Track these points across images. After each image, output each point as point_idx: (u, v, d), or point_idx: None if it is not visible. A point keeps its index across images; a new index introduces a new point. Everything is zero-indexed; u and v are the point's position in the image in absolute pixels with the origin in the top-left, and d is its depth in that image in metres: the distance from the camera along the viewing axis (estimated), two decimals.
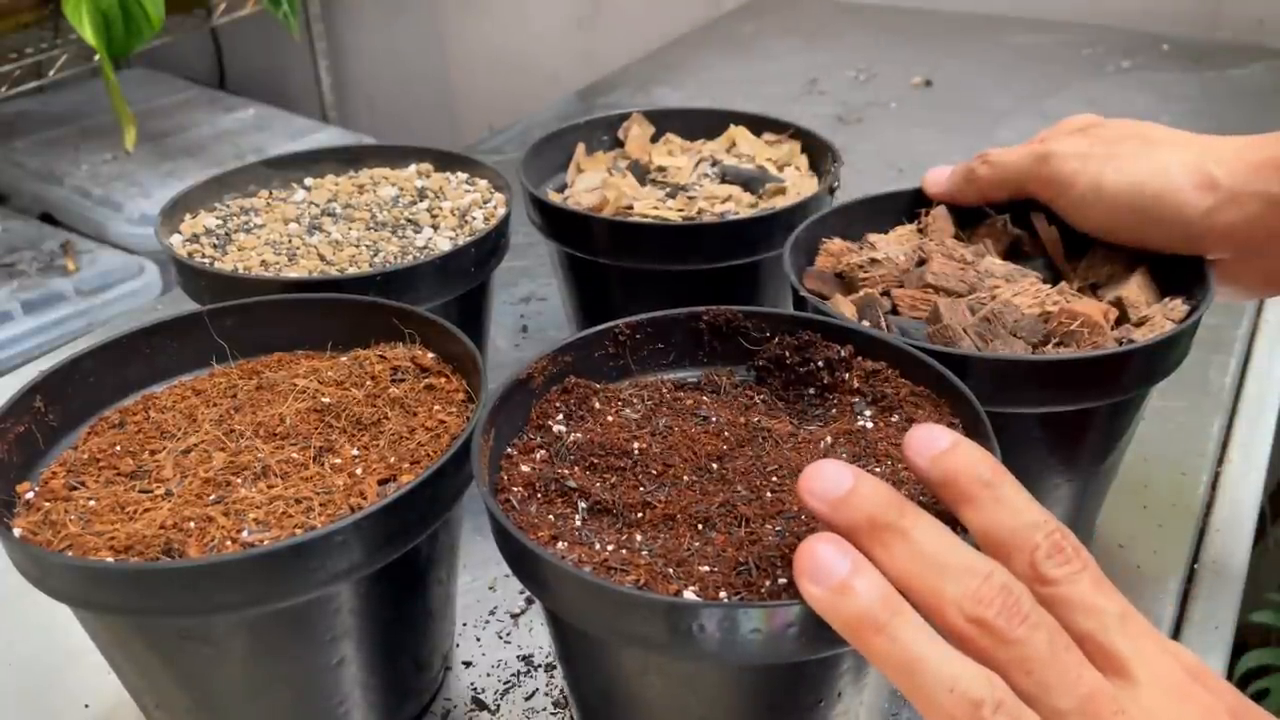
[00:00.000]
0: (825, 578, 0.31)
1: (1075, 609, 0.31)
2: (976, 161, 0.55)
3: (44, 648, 0.53)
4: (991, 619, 0.30)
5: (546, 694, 0.49)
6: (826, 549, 0.31)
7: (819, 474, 0.33)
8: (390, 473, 0.42)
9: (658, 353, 0.47)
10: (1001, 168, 0.54)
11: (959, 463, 0.33)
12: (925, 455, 0.33)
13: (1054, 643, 0.30)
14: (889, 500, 0.32)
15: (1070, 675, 0.29)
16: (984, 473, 0.33)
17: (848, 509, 0.32)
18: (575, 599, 0.35)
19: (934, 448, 0.33)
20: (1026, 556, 0.31)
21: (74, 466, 0.44)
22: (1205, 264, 0.50)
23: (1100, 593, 0.31)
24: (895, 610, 0.30)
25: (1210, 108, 1.09)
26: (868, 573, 0.31)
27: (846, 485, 0.32)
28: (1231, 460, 0.63)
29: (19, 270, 1.14)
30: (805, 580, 0.31)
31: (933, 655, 0.29)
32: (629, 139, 0.72)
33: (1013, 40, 1.31)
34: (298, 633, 0.40)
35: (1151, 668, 0.30)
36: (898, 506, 0.32)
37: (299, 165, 0.67)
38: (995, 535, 0.32)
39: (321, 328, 0.51)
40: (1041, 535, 0.31)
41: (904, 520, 0.32)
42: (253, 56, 1.96)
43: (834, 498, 0.32)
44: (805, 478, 0.33)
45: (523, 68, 1.80)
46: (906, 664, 0.30)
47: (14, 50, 1.30)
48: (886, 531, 0.32)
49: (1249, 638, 1.14)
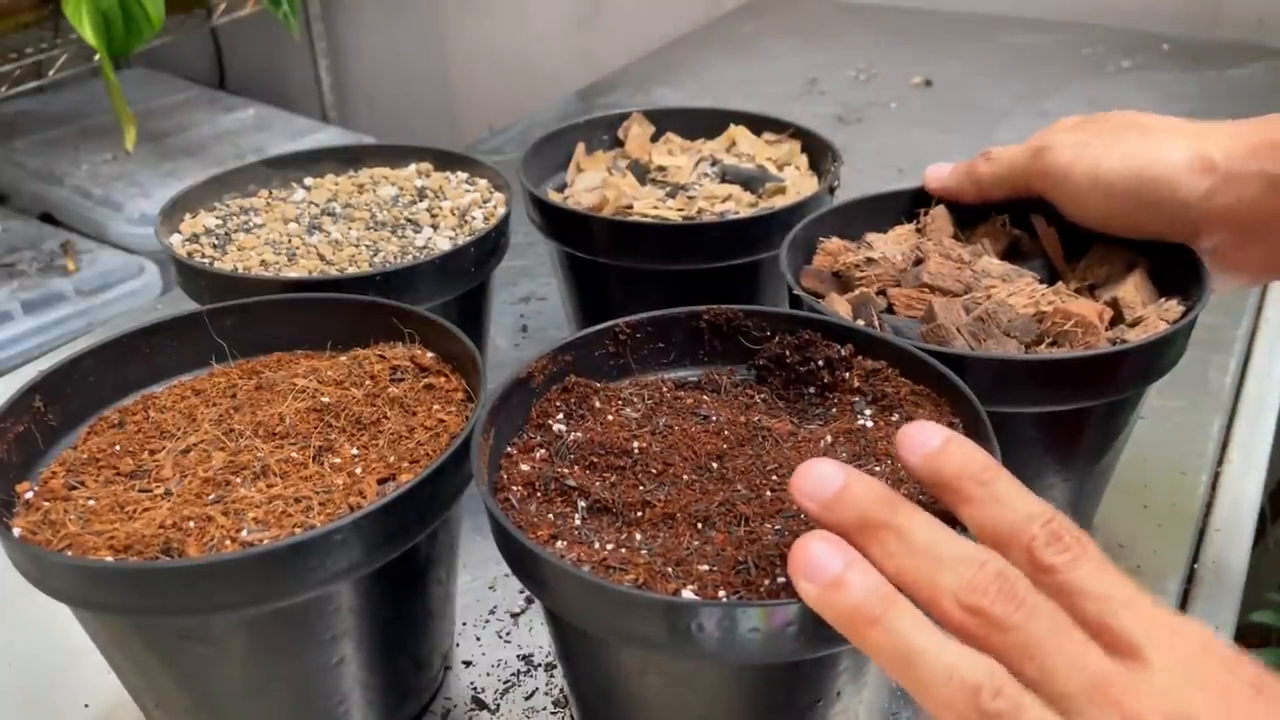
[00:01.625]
0: (818, 574, 0.31)
1: (1079, 595, 0.30)
2: (979, 158, 0.56)
3: (44, 648, 0.53)
4: (988, 606, 0.30)
5: (546, 693, 0.49)
6: (819, 546, 0.31)
7: (810, 473, 0.33)
8: (390, 472, 0.42)
9: (658, 352, 0.47)
10: (1001, 163, 0.55)
11: (952, 460, 0.33)
12: (918, 454, 0.33)
13: (1055, 627, 0.29)
14: (881, 497, 0.32)
15: (1075, 659, 0.29)
16: (978, 469, 0.33)
17: (840, 508, 0.32)
18: (575, 598, 0.35)
19: (926, 446, 0.33)
20: (1024, 547, 0.31)
21: (73, 466, 0.44)
22: (1201, 265, 0.50)
23: (1104, 577, 0.31)
24: (890, 603, 0.30)
25: (1210, 108, 1.09)
26: (861, 567, 0.31)
27: (838, 484, 0.32)
28: (1231, 460, 0.63)
29: (19, 270, 1.14)
30: (799, 578, 0.31)
31: (929, 645, 0.29)
32: (629, 139, 0.72)
33: (1013, 40, 1.31)
34: (297, 632, 0.40)
35: (1164, 649, 0.30)
36: (890, 503, 0.32)
37: (299, 165, 0.67)
38: (992, 530, 0.32)
39: (321, 327, 0.51)
40: (1038, 525, 0.31)
41: (897, 516, 0.32)
42: (253, 56, 1.96)
43: (825, 497, 0.32)
44: (797, 477, 0.33)
45: (523, 68, 1.80)
46: (903, 655, 0.30)
47: (14, 50, 1.30)
48: (879, 529, 0.32)
49: (1249, 638, 1.14)
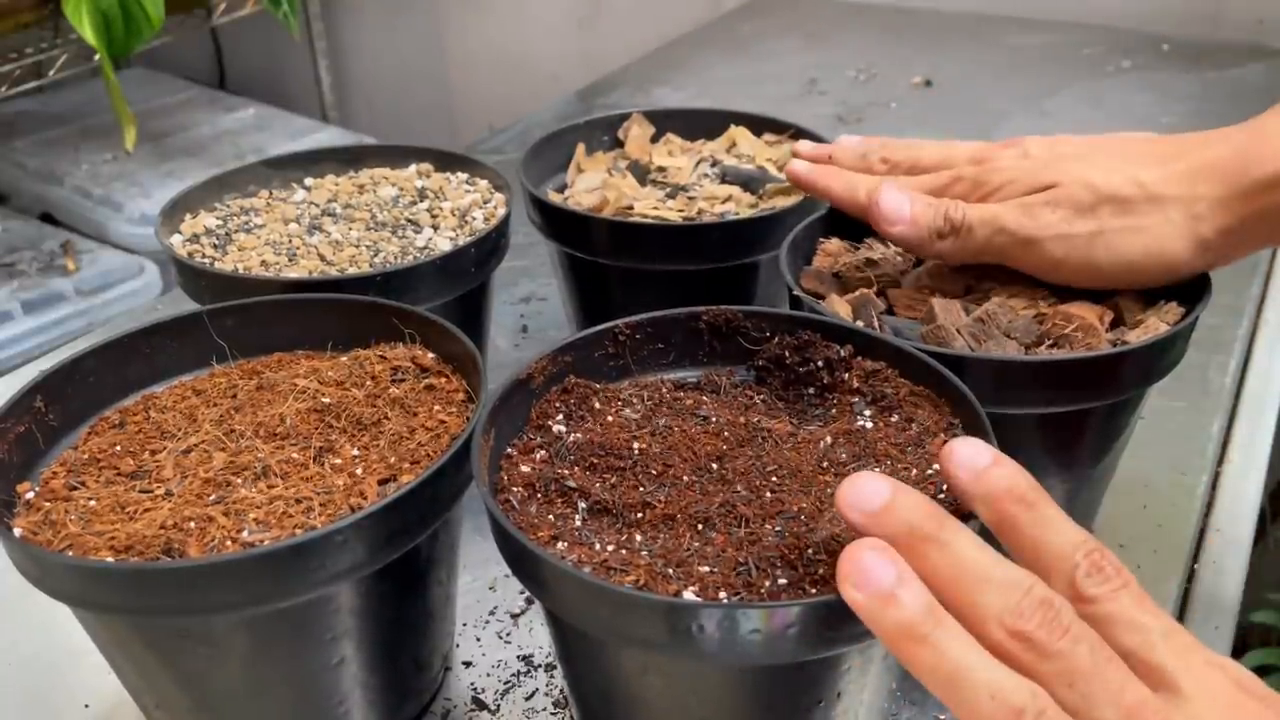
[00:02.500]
0: (870, 585, 0.30)
1: (1118, 625, 0.31)
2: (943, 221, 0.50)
3: (44, 648, 0.53)
4: (1033, 632, 0.30)
5: (546, 694, 0.49)
6: (872, 555, 0.31)
7: (857, 486, 0.32)
8: (390, 473, 0.42)
9: (658, 353, 0.47)
10: (972, 244, 0.50)
11: (1002, 480, 0.33)
12: (970, 469, 0.33)
13: (1096, 655, 0.30)
14: (929, 512, 0.32)
15: (1114, 687, 0.29)
16: (1025, 491, 0.33)
17: (888, 520, 0.32)
18: (575, 599, 0.35)
19: (976, 462, 0.33)
20: (1067, 575, 0.31)
21: (74, 466, 0.44)
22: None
23: (1142, 609, 0.31)
24: (938, 621, 0.30)
25: (1210, 108, 1.09)
26: (912, 583, 0.31)
27: (885, 497, 0.32)
28: (1231, 460, 0.63)
29: (19, 270, 1.14)
30: (849, 585, 0.31)
31: (975, 664, 0.29)
32: (629, 139, 0.72)
33: (1013, 40, 1.31)
34: (298, 632, 0.40)
35: (1199, 681, 0.30)
36: (937, 518, 0.32)
37: (299, 165, 0.67)
38: (1035, 553, 0.32)
39: (321, 328, 0.51)
40: (1081, 554, 0.31)
41: (944, 532, 0.31)
42: (253, 56, 1.96)
43: (873, 509, 0.32)
44: (843, 491, 0.33)
45: (523, 68, 1.80)
46: (949, 674, 0.29)
47: (14, 50, 1.30)
48: (926, 543, 0.31)
49: (1249, 638, 1.14)
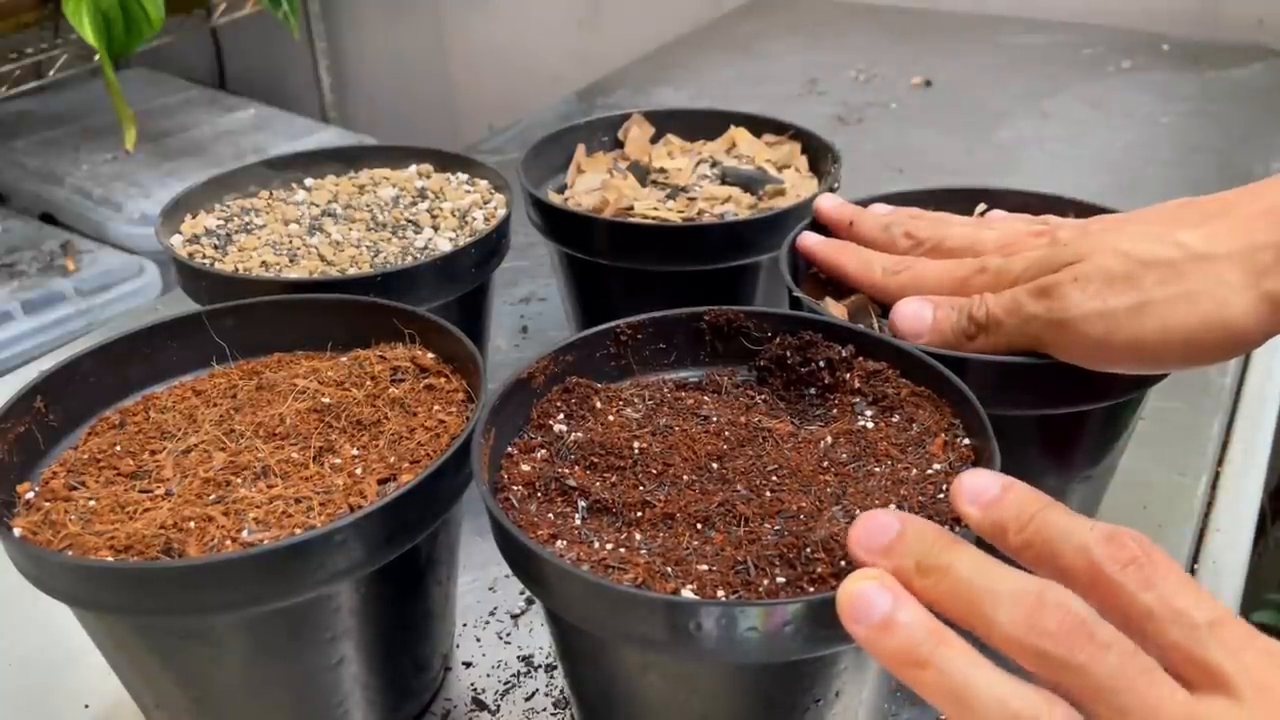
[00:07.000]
0: (866, 615, 0.30)
1: (1158, 620, 0.29)
2: (968, 321, 0.46)
3: (44, 648, 0.53)
4: (1050, 648, 0.28)
5: (546, 694, 0.49)
6: (866, 586, 0.31)
7: (865, 526, 0.32)
8: (390, 472, 0.42)
9: (659, 353, 0.47)
10: (1002, 336, 0.45)
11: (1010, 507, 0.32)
12: (978, 503, 0.33)
13: (1124, 665, 0.28)
14: (934, 538, 0.31)
15: (1149, 699, 0.27)
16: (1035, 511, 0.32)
17: (896, 555, 0.31)
18: (574, 598, 0.35)
19: (985, 495, 0.32)
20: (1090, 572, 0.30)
21: (74, 466, 0.44)
22: None
23: (1183, 597, 0.29)
24: (940, 640, 0.29)
25: (1210, 108, 1.09)
26: (909, 605, 0.30)
27: (893, 531, 0.32)
28: (1231, 460, 0.63)
29: (19, 270, 1.14)
30: (848, 620, 0.31)
31: (981, 680, 0.29)
32: (629, 140, 0.72)
33: (1013, 40, 1.31)
34: (297, 632, 0.40)
35: (1257, 679, 0.27)
36: (942, 543, 0.31)
37: (299, 165, 0.67)
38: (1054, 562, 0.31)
39: (322, 328, 0.51)
40: (1100, 547, 0.30)
41: (949, 555, 0.31)
42: (253, 56, 1.96)
43: (880, 545, 0.32)
44: (853, 533, 0.32)
45: (523, 68, 1.80)
46: (955, 693, 0.29)
47: (14, 50, 1.30)
48: (934, 570, 0.31)
49: None
